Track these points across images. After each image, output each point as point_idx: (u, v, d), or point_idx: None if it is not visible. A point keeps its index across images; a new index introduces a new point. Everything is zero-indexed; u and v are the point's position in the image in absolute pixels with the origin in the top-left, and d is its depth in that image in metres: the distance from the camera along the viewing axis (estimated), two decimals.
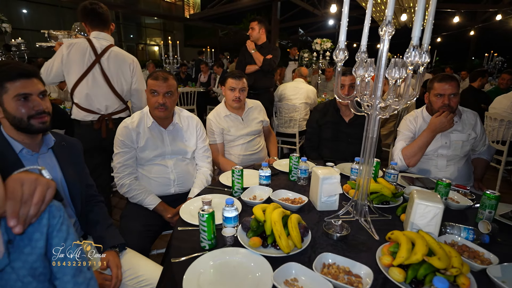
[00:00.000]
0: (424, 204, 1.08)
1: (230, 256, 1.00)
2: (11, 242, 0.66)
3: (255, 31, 3.26)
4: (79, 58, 2.01)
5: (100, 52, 2.06)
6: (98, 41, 2.09)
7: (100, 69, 2.06)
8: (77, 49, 2.02)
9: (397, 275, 0.89)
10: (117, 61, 2.12)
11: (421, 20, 0.93)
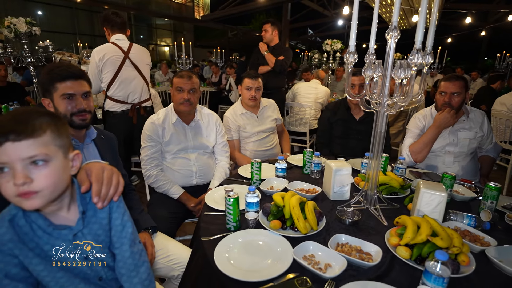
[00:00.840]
0: (429, 193, 1.19)
1: (254, 236, 1.13)
2: (84, 213, 0.80)
3: (268, 33, 3.38)
4: (112, 59, 2.43)
5: (126, 50, 2.50)
6: (121, 42, 2.52)
7: (130, 62, 2.52)
8: (108, 52, 2.42)
9: (403, 253, 1.00)
10: (140, 53, 2.59)
11: (423, 25, 1.03)
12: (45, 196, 0.68)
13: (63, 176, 0.71)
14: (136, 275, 0.86)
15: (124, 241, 0.85)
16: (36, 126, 0.66)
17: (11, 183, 0.64)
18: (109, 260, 0.85)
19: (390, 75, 1.18)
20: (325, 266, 0.96)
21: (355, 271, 0.96)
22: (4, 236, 0.70)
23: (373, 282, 0.89)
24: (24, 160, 0.64)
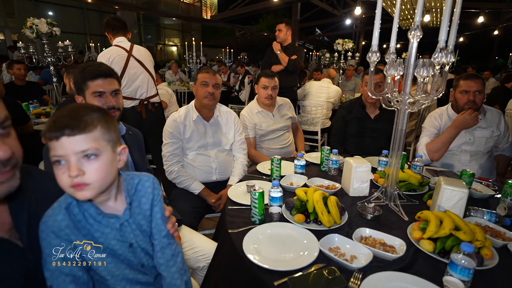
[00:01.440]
0: (450, 189, 1.21)
1: (280, 229, 1.17)
2: (130, 204, 0.85)
3: (282, 32, 3.42)
4: (117, 59, 2.55)
5: (129, 49, 2.65)
6: (122, 43, 2.67)
7: (134, 59, 2.66)
8: (113, 54, 2.56)
9: (427, 246, 1.03)
10: (142, 51, 2.75)
11: (447, 25, 1.06)
12: (95, 188, 0.73)
13: (111, 169, 0.76)
14: (174, 264, 0.91)
15: (162, 233, 0.90)
16: (88, 122, 0.71)
17: (66, 175, 0.69)
18: (149, 249, 0.90)
19: (412, 74, 1.21)
20: (350, 257, 0.99)
21: (380, 262, 0.99)
22: (62, 222, 0.75)
23: (399, 273, 0.92)
24: (78, 153, 0.69)
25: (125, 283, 0.86)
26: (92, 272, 0.82)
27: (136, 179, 0.88)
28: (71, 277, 0.74)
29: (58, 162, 0.70)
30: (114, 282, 0.84)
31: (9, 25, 11.38)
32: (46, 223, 0.74)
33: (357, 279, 0.90)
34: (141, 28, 17.00)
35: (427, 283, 0.88)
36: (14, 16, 11.52)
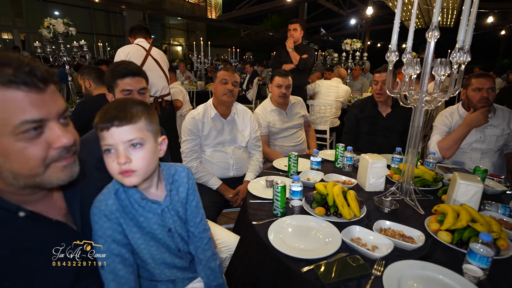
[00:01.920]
0: (466, 184, 1.26)
1: (302, 221, 1.22)
2: (170, 192, 0.91)
3: (297, 32, 3.48)
4: (136, 56, 2.73)
5: (147, 49, 2.84)
6: (142, 43, 2.86)
7: (152, 59, 2.83)
8: (132, 51, 2.76)
9: (445, 237, 1.08)
10: (159, 52, 2.94)
11: (466, 25, 1.11)
12: (140, 175, 0.79)
13: (154, 157, 0.82)
14: (209, 248, 0.97)
15: (197, 220, 0.96)
16: (134, 113, 0.76)
17: (115, 162, 0.76)
18: (185, 235, 0.97)
19: (429, 73, 1.25)
20: (372, 247, 1.04)
21: (400, 252, 1.04)
22: (112, 206, 0.81)
23: (420, 261, 0.97)
24: (125, 142, 0.75)
25: (164, 267, 0.92)
26: (135, 256, 0.88)
27: (173, 169, 0.95)
28: (120, 258, 0.81)
29: (108, 150, 0.76)
30: (154, 266, 0.90)
31: (17, 25, 11.53)
32: (99, 207, 0.81)
33: (380, 265, 0.95)
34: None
35: (447, 270, 0.92)
36: (22, 16, 11.65)
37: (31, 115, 0.60)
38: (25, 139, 0.60)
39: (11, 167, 0.61)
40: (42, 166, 0.64)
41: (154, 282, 0.95)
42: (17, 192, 0.66)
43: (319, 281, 0.89)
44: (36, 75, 0.61)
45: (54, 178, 0.66)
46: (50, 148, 0.64)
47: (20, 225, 0.66)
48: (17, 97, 0.59)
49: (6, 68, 0.58)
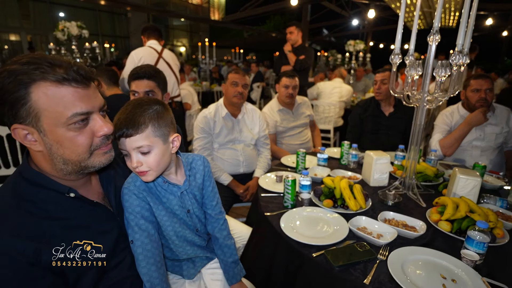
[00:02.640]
0: (465, 178, 1.34)
1: (311, 212, 1.31)
2: (188, 177, 1.01)
3: (293, 34, 3.58)
4: (149, 60, 2.84)
5: (159, 51, 2.95)
6: (155, 46, 2.97)
7: (164, 61, 2.93)
8: (145, 54, 2.87)
9: (445, 226, 1.16)
10: (170, 54, 3.06)
11: (465, 29, 1.19)
12: (153, 173, 0.89)
13: (164, 157, 0.90)
14: (225, 228, 1.09)
15: (213, 203, 1.07)
16: (141, 123, 0.84)
17: (130, 165, 0.87)
18: (202, 217, 1.08)
19: (431, 74, 1.34)
20: (377, 235, 1.13)
21: (404, 240, 1.13)
22: (140, 187, 0.92)
23: (422, 248, 1.06)
24: (135, 149, 0.85)
25: (186, 244, 1.03)
26: (160, 236, 0.98)
27: (190, 158, 1.06)
28: (147, 233, 0.90)
29: (125, 154, 0.88)
30: (177, 243, 1.01)
31: (25, 26, 11.69)
32: (128, 188, 0.92)
33: (385, 251, 1.04)
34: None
35: (446, 255, 1.01)
36: (30, 18, 11.82)
37: (80, 108, 0.70)
38: (75, 129, 0.70)
39: (63, 154, 0.71)
40: (88, 152, 0.74)
41: (177, 262, 1.06)
42: (64, 178, 0.76)
43: (329, 264, 0.98)
44: (82, 73, 0.71)
45: (97, 162, 0.76)
46: (94, 136, 0.74)
47: (69, 205, 0.76)
48: (68, 93, 0.68)
49: (58, 68, 0.67)
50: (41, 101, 0.66)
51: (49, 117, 0.67)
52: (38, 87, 0.65)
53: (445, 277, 0.92)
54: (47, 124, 0.68)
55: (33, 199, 0.71)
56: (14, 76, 0.64)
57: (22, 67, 0.64)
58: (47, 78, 0.66)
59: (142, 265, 0.88)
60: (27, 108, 0.66)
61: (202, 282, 1.09)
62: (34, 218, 0.69)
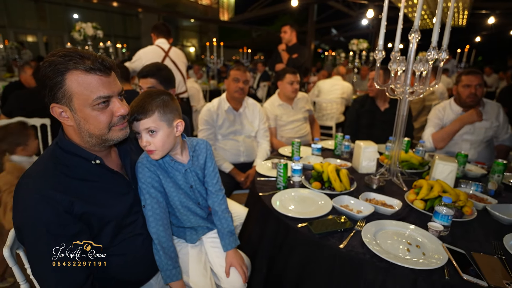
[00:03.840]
0: (442, 163, 1.47)
1: (300, 192, 1.46)
2: (192, 157, 1.17)
3: (287, 34, 3.75)
4: (155, 56, 2.98)
5: (166, 50, 3.08)
6: (163, 45, 3.12)
7: (170, 60, 3.07)
8: (152, 52, 3.03)
9: (419, 204, 1.30)
10: (177, 53, 3.18)
11: (438, 28, 1.32)
12: (159, 153, 1.06)
13: (169, 139, 1.07)
14: (223, 203, 1.24)
15: (214, 181, 1.23)
16: (149, 109, 1.01)
17: (141, 143, 1.04)
18: (203, 192, 1.24)
19: (411, 69, 1.47)
20: (357, 211, 1.27)
21: (381, 216, 1.26)
22: (152, 161, 1.09)
23: (394, 221, 1.19)
24: (144, 130, 1.02)
25: (190, 213, 1.20)
26: (168, 205, 1.14)
27: (195, 142, 1.22)
28: (156, 200, 1.07)
29: (138, 134, 1.04)
30: (182, 211, 1.18)
31: (41, 28, 12.14)
32: (142, 162, 1.09)
33: (362, 223, 1.18)
34: None
35: (415, 227, 1.14)
36: (46, 19, 12.26)
37: (102, 93, 0.86)
38: (98, 109, 0.87)
39: (88, 128, 0.88)
40: (107, 128, 0.91)
41: (182, 228, 1.22)
42: (91, 148, 0.93)
43: (311, 233, 1.13)
44: (105, 64, 0.87)
45: (115, 136, 0.93)
46: (113, 116, 0.91)
47: (95, 171, 0.93)
48: (94, 80, 0.85)
49: (86, 60, 0.84)
50: (73, 85, 0.83)
51: (79, 98, 0.84)
52: (71, 75, 0.82)
53: (411, 244, 1.06)
54: (77, 104, 0.85)
55: (67, 164, 0.89)
56: (54, 66, 0.81)
57: (59, 59, 0.82)
58: (78, 68, 0.83)
59: (152, 225, 1.05)
60: (63, 91, 0.83)
61: (203, 248, 1.26)
62: (68, 178, 0.87)
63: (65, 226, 0.82)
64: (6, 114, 2.49)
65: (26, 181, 0.84)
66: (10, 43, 7.09)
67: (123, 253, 0.99)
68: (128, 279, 1.02)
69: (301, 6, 9.09)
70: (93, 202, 0.89)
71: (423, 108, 3.98)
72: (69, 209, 0.83)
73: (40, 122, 2.36)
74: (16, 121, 1.87)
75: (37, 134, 2.38)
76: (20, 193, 0.82)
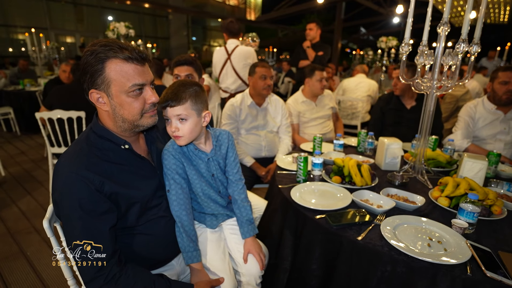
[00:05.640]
0: (471, 161, 1.41)
1: (320, 186, 1.46)
2: (215, 147, 1.22)
3: (312, 31, 3.72)
4: (220, 58, 3.26)
5: (230, 52, 3.19)
6: (229, 46, 3.24)
7: (230, 63, 3.23)
8: (217, 52, 3.30)
9: (443, 201, 1.26)
10: (240, 54, 3.20)
11: (469, 19, 1.27)
12: (186, 139, 1.11)
13: (196, 127, 1.12)
14: (243, 192, 1.28)
15: (234, 171, 1.27)
16: (182, 97, 1.07)
17: (170, 129, 1.09)
18: (224, 181, 1.28)
19: (440, 63, 1.42)
20: (377, 206, 1.25)
21: (402, 212, 1.24)
22: (177, 150, 1.15)
23: (416, 216, 1.16)
24: (175, 116, 1.07)
25: (210, 201, 1.25)
26: (190, 191, 1.19)
27: (218, 132, 1.27)
28: (180, 186, 1.13)
29: (167, 120, 1.10)
30: (203, 198, 1.23)
31: (79, 29, 12.88)
32: (168, 150, 1.15)
33: (382, 216, 1.17)
34: (189, 31, 18.06)
35: (437, 223, 1.11)
36: (83, 21, 12.99)
37: (137, 81, 0.93)
38: (132, 96, 0.94)
39: (122, 114, 0.95)
40: (140, 114, 0.97)
41: (202, 214, 1.27)
42: (121, 133, 1.00)
43: (328, 224, 1.13)
44: (141, 55, 0.94)
45: (145, 122, 1.00)
46: (145, 103, 0.97)
47: (123, 154, 1.00)
48: (130, 69, 0.92)
49: (124, 50, 0.91)
50: (112, 73, 0.90)
51: (116, 85, 0.91)
52: (111, 63, 0.90)
53: (432, 239, 1.03)
54: (114, 91, 0.92)
55: (99, 147, 0.96)
56: (95, 54, 0.88)
57: (100, 48, 0.89)
58: (118, 56, 0.90)
59: (175, 209, 1.11)
60: (102, 78, 0.90)
61: (222, 234, 1.30)
62: (99, 160, 0.94)
63: (96, 203, 0.89)
64: (47, 106, 2.69)
65: (64, 160, 0.92)
66: (51, 44, 7.57)
67: (147, 233, 1.05)
68: (150, 257, 1.08)
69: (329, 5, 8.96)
70: (121, 183, 0.96)
71: (456, 109, 3.79)
72: (100, 188, 0.90)
73: (76, 115, 2.53)
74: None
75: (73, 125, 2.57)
76: (59, 171, 0.90)
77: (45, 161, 3.92)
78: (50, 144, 2.64)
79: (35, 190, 3.10)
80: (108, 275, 0.88)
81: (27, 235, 2.32)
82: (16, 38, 11.18)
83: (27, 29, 7.36)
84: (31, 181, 3.33)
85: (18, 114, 5.07)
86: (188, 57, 1.76)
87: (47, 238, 2.23)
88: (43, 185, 3.22)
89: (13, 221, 2.51)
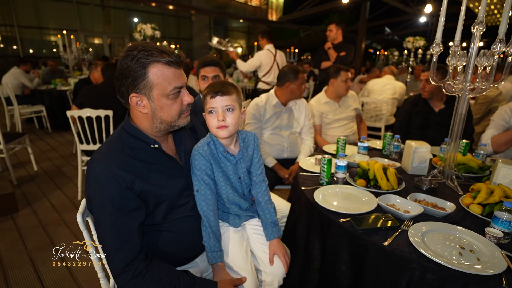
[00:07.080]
0: (506, 167, 1.34)
1: (343, 188, 1.44)
2: (242, 149, 1.23)
3: (332, 32, 3.71)
4: (268, 59, 3.93)
5: (274, 54, 3.92)
6: (272, 49, 3.95)
7: (276, 63, 3.95)
8: (266, 55, 3.94)
9: (476, 209, 1.20)
10: (281, 56, 4.03)
11: (507, 18, 1.21)
12: (230, 131, 1.14)
13: (238, 121, 1.17)
14: (266, 194, 1.28)
15: (258, 172, 1.27)
16: (230, 89, 1.13)
17: (215, 120, 1.12)
18: (249, 183, 1.29)
19: (473, 63, 1.36)
20: (404, 211, 1.22)
21: (431, 218, 1.19)
22: (206, 151, 1.17)
23: (445, 223, 1.12)
24: (223, 107, 1.12)
25: (234, 206, 1.27)
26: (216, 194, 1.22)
27: (244, 134, 1.28)
28: (208, 186, 1.15)
29: (211, 112, 1.14)
30: (227, 202, 1.24)
31: (106, 31, 13.38)
32: (198, 150, 1.17)
33: (409, 222, 1.13)
34: (211, 31, 18.31)
35: (469, 231, 1.07)
36: (111, 23, 13.49)
37: (177, 84, 0.97)
38: (172, 98, 0.98)
39: (162, 115, 0.99)
40: (177, 116, 1.01)
41: (226, 213, 1.28)
42: (153, 134, 1.03)
43: (353, 227, 1.11)
44: (180, 58, 0.98)
45: (181, 122, 1.04)
46: (182, 105, 1.01)
47: (153, 154, 1.03)
48: (171, 72, 0.95)
49: (164, 54, 0.94)
50: (155, 77, 0.93)
51: (158, 89, 0.95)
52: (154, 67, 0.93)
53: (464, 248, 0.99)
54: (156, 94, 0.95)
55: (131, 146, 1.00)
56: (137, 59, 0.91)
57: (140, 53, 0.91)
58: (160, 61, 0.93)
59: (204, 208, 1.13)
60: (145, 82, 0.93)
61: (245, 234, 1.31)
62: (130, 158, 0.97)
63: (126, 200, 0.92)
64: (78, 105, 2.81)
65: (97, 158, 0.96)
66: (81, 45, 7.91)
67: (173, 231, 1.08)
68: (175, 254, 1.11)
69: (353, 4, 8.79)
70: (150, 182, 0.98)
71: (489, 111, 3.61)
72: (130, 186, 0.93)
73: (104, 113, 2.63)
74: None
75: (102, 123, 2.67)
76: (92, 168, 0.94)
77: (74, 157, 4.11)
78: (79, 141, 2.77)
79: (65, 185, 3.26)
80: (136, 270, 0.91)
81: (57, 227, 2.44)
82: (48, 40, 11.79)
83: (59, 31, 7.73)
84: (61, 176, 3.50)
85: (49, 112, 5.34)
86: (214, 58, 1.79)
87: (75, 231, 2.36)
88: (72, 180, 3.37)
89: (44, 214, 2.64)
